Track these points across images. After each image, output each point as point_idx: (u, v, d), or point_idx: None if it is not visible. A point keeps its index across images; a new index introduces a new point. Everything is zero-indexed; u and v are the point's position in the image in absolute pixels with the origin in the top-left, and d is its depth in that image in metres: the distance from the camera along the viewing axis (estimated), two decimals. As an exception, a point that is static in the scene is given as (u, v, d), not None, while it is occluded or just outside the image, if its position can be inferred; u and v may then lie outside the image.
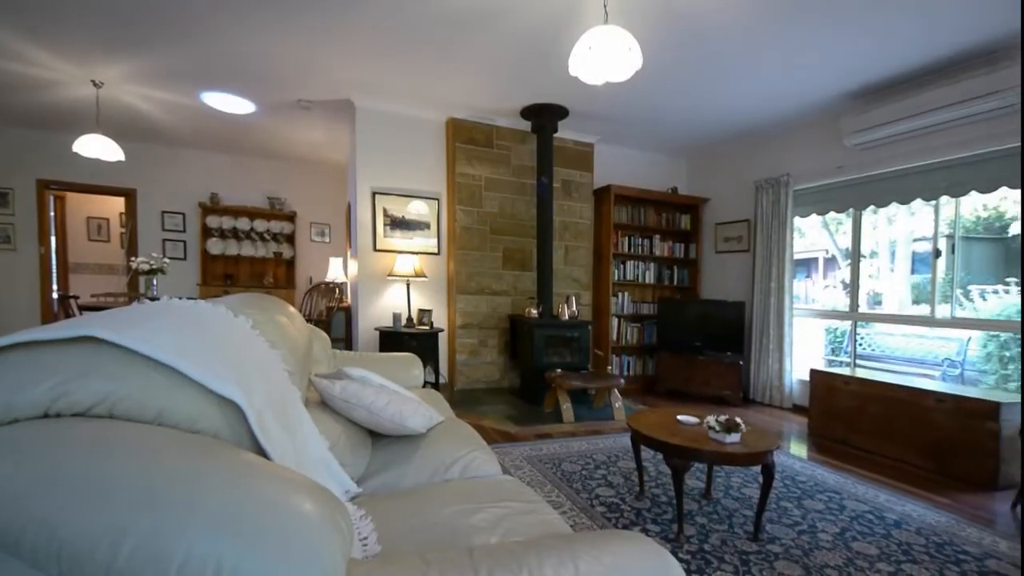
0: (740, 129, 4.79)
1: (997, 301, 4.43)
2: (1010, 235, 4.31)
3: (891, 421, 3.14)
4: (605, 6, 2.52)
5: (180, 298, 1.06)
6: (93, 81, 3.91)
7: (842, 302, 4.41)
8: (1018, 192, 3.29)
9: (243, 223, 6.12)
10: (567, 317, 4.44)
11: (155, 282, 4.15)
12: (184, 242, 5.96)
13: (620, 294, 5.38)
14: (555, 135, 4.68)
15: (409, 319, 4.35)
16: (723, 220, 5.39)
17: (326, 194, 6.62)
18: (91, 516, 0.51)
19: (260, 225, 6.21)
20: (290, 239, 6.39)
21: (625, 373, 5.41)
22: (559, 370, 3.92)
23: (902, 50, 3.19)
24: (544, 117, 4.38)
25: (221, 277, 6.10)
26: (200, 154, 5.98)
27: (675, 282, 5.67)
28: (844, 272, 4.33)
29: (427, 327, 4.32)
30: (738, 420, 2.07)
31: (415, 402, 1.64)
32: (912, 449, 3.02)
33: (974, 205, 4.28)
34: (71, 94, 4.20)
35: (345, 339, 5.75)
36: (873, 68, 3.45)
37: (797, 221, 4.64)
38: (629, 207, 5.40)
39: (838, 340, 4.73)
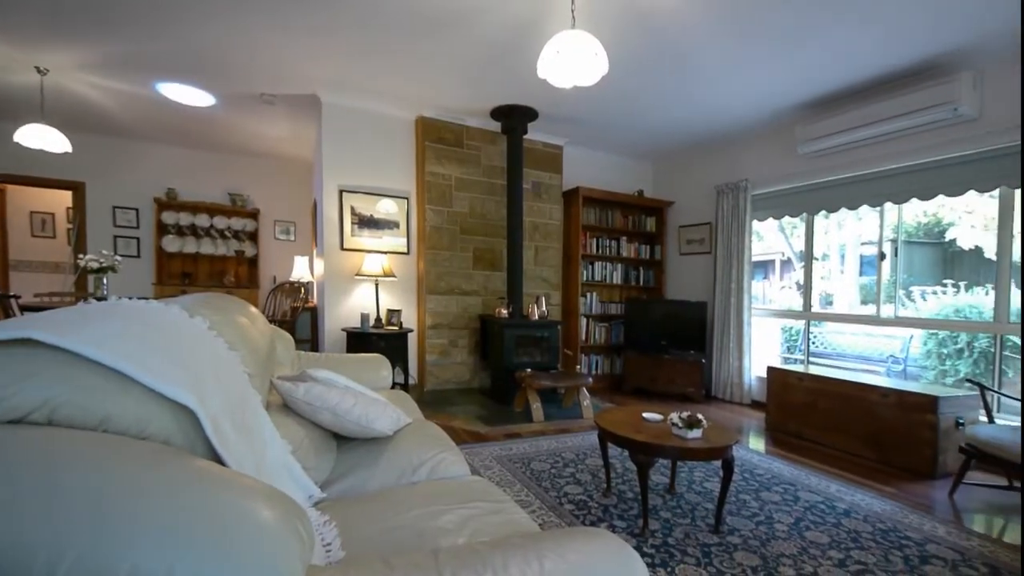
0: (702, 135, 4.94)
1: (936, 301, 4.76)
2: (947, 240, 4.65)
3: (841, 415, 3.32)
4: (573, 12, 2.55)
5: (131, 298, 1.02)
6: (37, 68, 3.68)
7: (797, 302, 4.63)
8: (954, 200, 3.52)
9: (202, 220, 5.88)
10: (537, 317, 4.47)
11: (105, 281, 3.93)
12: (138, 239, 5.67)
13: (589, 294, 5.46)
14: (525, 137, 4.70)
15: (378, 319, 4.28)
16: (686, 223, 5.55)
17: (291, 191, 6.44)
18: (26, 529, 0.49)
19: (220, 222, 5.98)
20: (253, 237, 6.18)
21: (594, 372, 5.49)
22: (529, 370, 3.94)
23: (852, 64, 3.37)
24: (514, 118, 4.39)
25: (178, 276, 5.83)
26: (156, 147, 5.71)
27: (641, 283, 5.80)
28: (799, 274, 4.56)
29: (396, 327, 4.26)
30: (700, 417, 2.13)
31: (382, 404, 1.62)
32: (860, 441, 3.20)
33: (915, 212, 4.56)
34: (11, 80, 3.93)
35: (311, 340, 5.60)
36: (825, 80, 3.62)
37: (755, 225, 4.82)
38: (597, 209, 5.48)
39: (793, 339, 4.96)
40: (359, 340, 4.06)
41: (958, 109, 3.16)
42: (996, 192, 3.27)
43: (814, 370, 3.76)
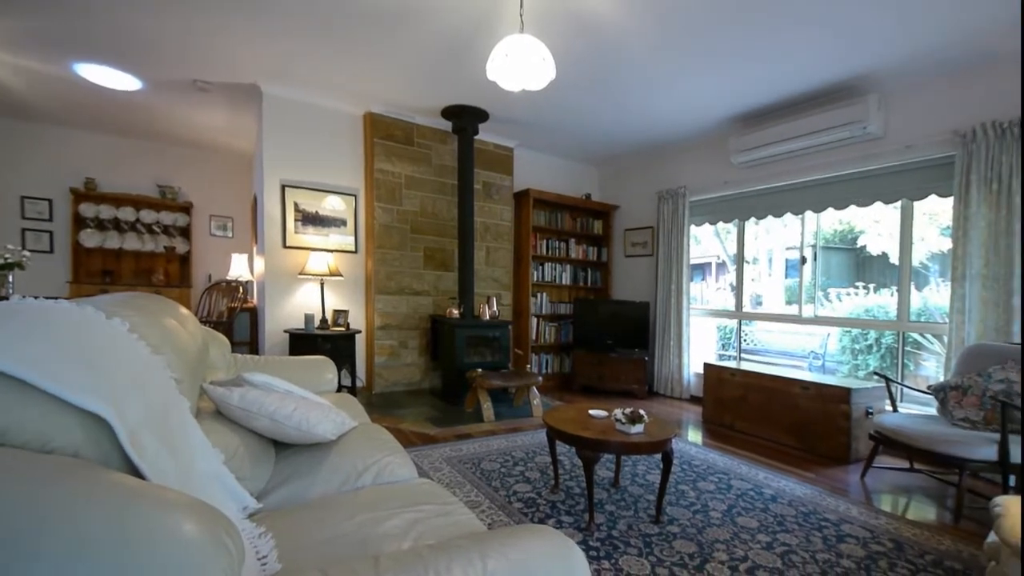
0: (645, 143, 5.15)
1: (850, 302, 5.26)
2: (859, 246, 5.16)
3: (769, 407, 3.57)
4: (521, 16, 2.59)
5: (36, 297, 0.93)
6: (-78, 38, 3.25)
7: (730, 303, 4.94)
8: (864, 210, 3.88)
9: (127, 213, 5.42)
10: (488, 317, 4.48)
11: (11, 279, 3.53)
12: (50, 232, 5.15)
13: (539, 294, 5.54)
14: (476, 137, 4.70)
15: (323, 320, 4.13)
16: (631, 226, 5.76)
17: (229, 184, 6.07)
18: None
19: (148, 216, 5.54)
20: (185, 232, 5.77)
21: (544, 371, 5.58)
22: (480, 370, 3.95)
23: (778, 82, 3.62)
24: (465, 119, 4.38)
25: (98, 274, 5.35)
26: (73, 133, 5.20)
27: (589, 283, 5.95)
28: (732, 276, 4.86)
29: (343, 328, 4.13)
30: (642, 412, 2.22)
31: (325, 408, 1.57)
32: (785, 431, 3.45)
33: (832, 220, 4.99)
34: None
35: (250, 342, 5.32)
36: (755, 96, 3.88)
37: (693, 229, 5.09)
38: (547, 211, 5.58)
39: (727, 337, 5.29)
40: (303, 342, 3.91)
41: (866, 127, 3.49)
42: (899, 204, 3.63)
43: (745, 366, 4.03)
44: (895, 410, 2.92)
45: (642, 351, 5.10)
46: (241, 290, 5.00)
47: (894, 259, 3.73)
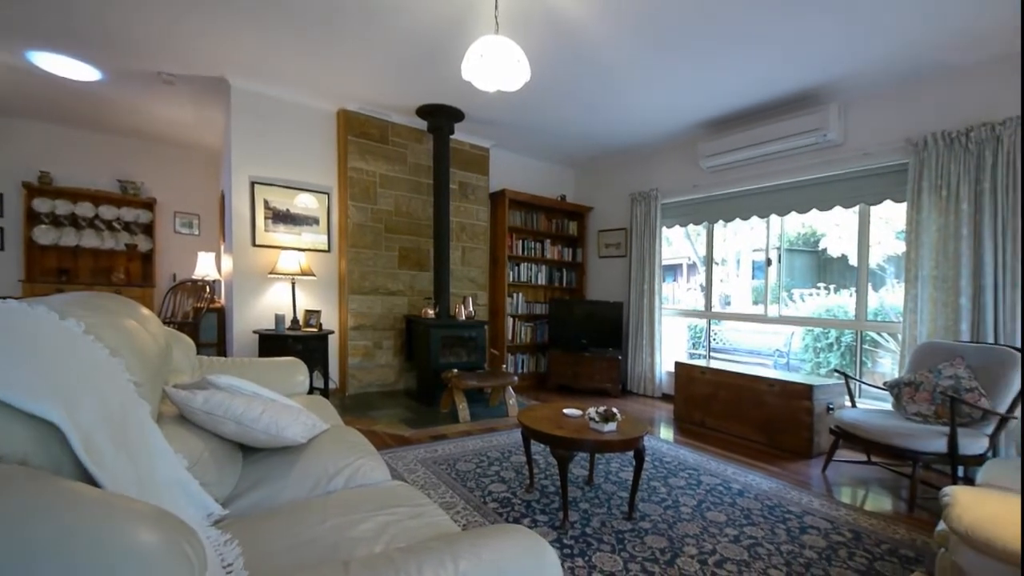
0: (618, 146, 5.23)
1: (812, 302, 5.49)
2: (820, 249, 5.40)
3: (736, 404, 3.68)
4: (496, 17, 2.59)
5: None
6: None
7: (700, 303, 5.07)
8: (826, 214, 4.04)
9: (85, 208, 5.17)
10: (464, 317, 4.47)
11: (-47, 278, 3.34)
12: (1, 229, 4.88)
13: (515, 295, 5.56)
14: (452, 137, 4.69)
15: (294, 321, 4.04)
16: (605, 228, 5.84)
17: (195, 180, 5.87)
18: None
19: (108, 212, 5.30)
20: (148, 229, 5.54)
21: (520, 371, 5.60)
22: (456, 370, 3.93)
23: (744, 89, 3.74)
24: (440, 118, 4.36)
25: (53, 272, 5.09)
26: (26, 124, 4.93)
27: (564, 284, 6.01)
28: (702, 277, 4.98)
29: (315, 329, 4.05)
30: (615, 410, 2.26)
31: (295, 410, 1.54)
32: (752, 427, 3.56)
33: (795, 224, 5.19)
34: None
35: (217, 344, 5.16)
36: (723, 102, 3.99)
37: (665, 231, 5.19)
38: (523, 212, 5.60)
39: (698, 336, 5.43)
40: (273, 343, 3.81)
41: (827, 135, 3.64)
42: (857, 208, 3.80)
43: (715, 365, 4.14)
44: (854, 406, 3.05)
45: (616, 350, 5.18)
46: (208, 290, 4.85)
47: (853, 261, 3.91)
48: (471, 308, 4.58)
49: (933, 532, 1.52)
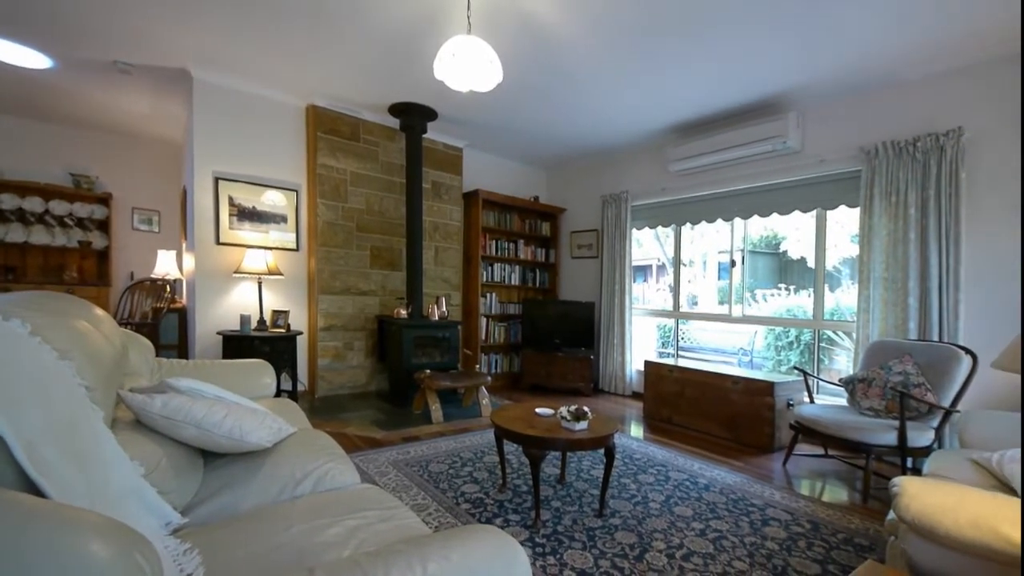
0: (590, 148, 5.30)
1: (774, 302, 5.71)
2: (781, 251, 5.64)
3: (702, 401, 3.78)
4: (468, 17, 2.59)
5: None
6: None
7: (669, 303, 5.20)
8: (786, 218, 4.20)
9: (34, 203, 4.88)
10: (437, 317, 4.44)
11: None
12: (-66, 224, 4.55)
13: (488, 295, 5.56)
14: (425, 136, 4.65)
15: (261, 322, 3.92)
16: (577, 229, 5.91)
17: (154, 175, 5.62)
18: None
19: (59, 207, 5.02)
20: (103, 226, 5.28)
21: (493, 371, 5.60)
22: (428, 371, 3.90)
23: (709, 96, 3.85)
24: (413, 116, 4.32)
25: (-3, 271, 4.79)
26: (-38, 112, 4.62)
27: (537, 284, 6.05)
28: (671, 278, 5.11)
29: (283, 330, 3.95)
30: (586, 409, 2.29)
31: (260, 414, 1.50)
32: (717, 423, 3.67)
33: (758, 227, 5.39)
34: None
35: (178, 346, 4.96)
36: (689, 108, 4.10)
37: (635, 233, 5.30)
38: (496, 212, 5.61)
39: (666, 335, 5.57)
40: (238, 345, 3.69)
41: (786, 142, 3.80)
42: (814, 212, 3.97)
43: (682, 363, 4.25)
44: (812, 402, 3.19)
45: (588, 350, 5.25)
46: (168, 289, 4.65)
47: (811, 263, 4.08)
48: (444, 308, 4.56)
49: (884, 521, 1.60)
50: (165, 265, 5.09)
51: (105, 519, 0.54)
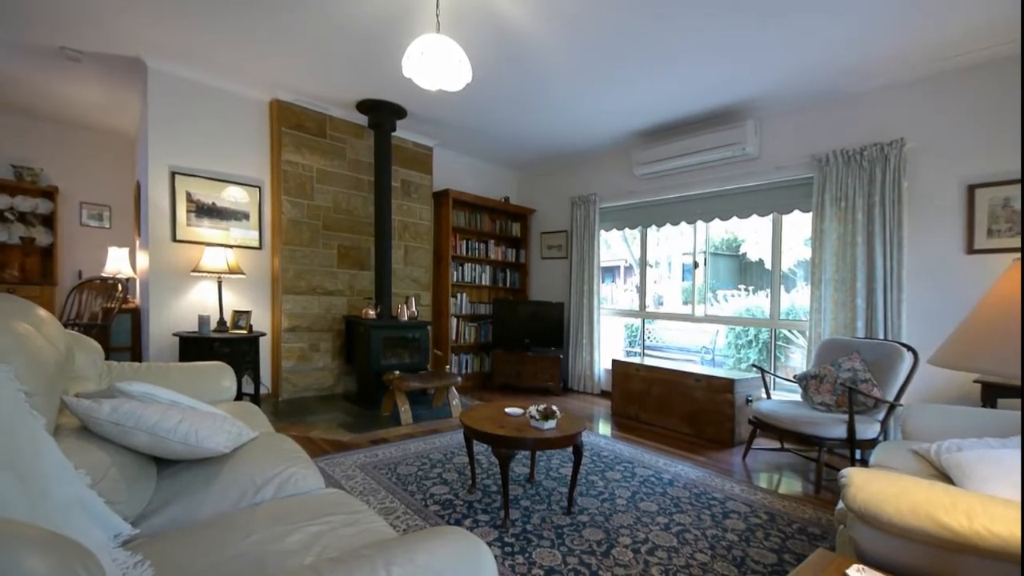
0: (560, 151, 5.36)
1: (735, 302, 5.93)
2: (741, 253, 5.87)
3: (667, 398, 3.89)
4: (437, 16, 2.57)
5: None
6: None
7: (636, 303, 5.31)
8: (745, 222, 4.37)
9: (-34, 197, 4.55)
10: (407, 318, 4.39)
11: None
12: None
13: (459, 295, 5.54)
14: (394, 134, 4.59)
15: (221, 322, 3.78)
16: (547, 230, 5.96)
17: (105, 168, 5.33)
18: None
19: (0, 201, 4.69)
20: (48, 221, 4.96)
21: (464, 371, 5.58)
22: (397, 372, 3.85)
23: (672, 103, 3.97)
24: (382, 114, 4.25)
25: (-75, 269, 4.44)
26: None
27: (508, 284, 6.07)
28: (638, 278, 5.23)
29: (244, 331, 3.82)
30: (554, 408, 2.32)
31: (219, 418, 1.45)
32: (681, 419, 3.78)
33: (719, 229, 5.59)
34: None
35: (131, 348, 4.72)
36: (654, 114, 4.21)
37: (603, 234, 5.39)
38: (467, 212, 5.59)
39: (633, 335, 5.69)
40: (196, 346, 3.55)
41: (745, 149, 3.96)
42: (771, 217, 4.14)
43: (649, 362, 4.35)
44: (769, 398, 3.32)
45: (558, 350, 5.30)
46: (120, 288, 4.41)
47: (768, 265, 4.26)
48: (414, 308, 4.51)
49: (835, 511, 1.69)
50: (116, 263, 4.84)
51: (44, 532, 0.51)
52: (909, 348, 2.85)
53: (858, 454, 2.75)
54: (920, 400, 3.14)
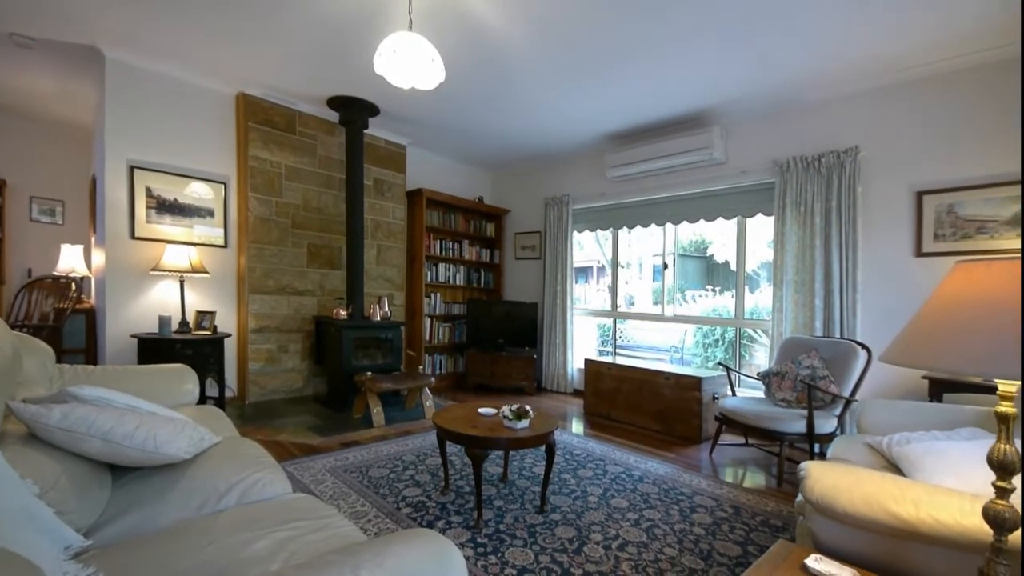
0: (533, 152, 5.39)
1: (703, 303, 6.11)
2: (708, 255, 6.06)
3: (638, 397, 3.96)
4: (410, 14, 2.55)
5: None
6: None
7: (608, 303, 5.40)
8: (712, 224, 4.51)
9: (-102, 189, 4.24)
10: (379, 318, 4.33)
11: None
12: None
13: (433, 295, 5.50)
14: (366, 132, 4.52)
15: (184, 323, 3.64)
16: (521, 230, 5.99)
17: (58, 161, 5.06)
18: None
19: (-67, 194, 4.39)
20: (-9, 217, 4.68)
21: (438, 371, 5.55)
22: (369, 373, 3.79)
23: (643, 108, 4.06)
24: (353, 111, 4.18)
25: None
26: None
27: (482, 284, 6.06)
28: (610, 279, 5.31)
29: (208, 332, 3.69)
30: (527, 408, 2.33)
31: (179, 423, 1.40)
32: (651, 417, 3.86)
33: (688, 232, 5.75)
34: None
35: (86, 350, 4.49)
36: (625, 117, 4.29)
37: (576, 235, 5.46)
38: (441, 212, 5.56)
39: (606, 334, 5.78)
40: (156, 348, 3.41)
41: (712, 154, 4.08)
42: (735, 220, 4.28)
43: (620, 361, 4.42)
44: (734, 395, 3.43)
45: (531, 349, 5.33)
46: (74, 288, 4.19)
47: (734, 266, 4.40)
48: (387, 308, 4.45)
49: (795, 502, 1.76)
50: (70, 261, 4.60)
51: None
52: (863, 346, 2.99)
53: (817, 448, 2.87)
54: (874, 395, 3.31)
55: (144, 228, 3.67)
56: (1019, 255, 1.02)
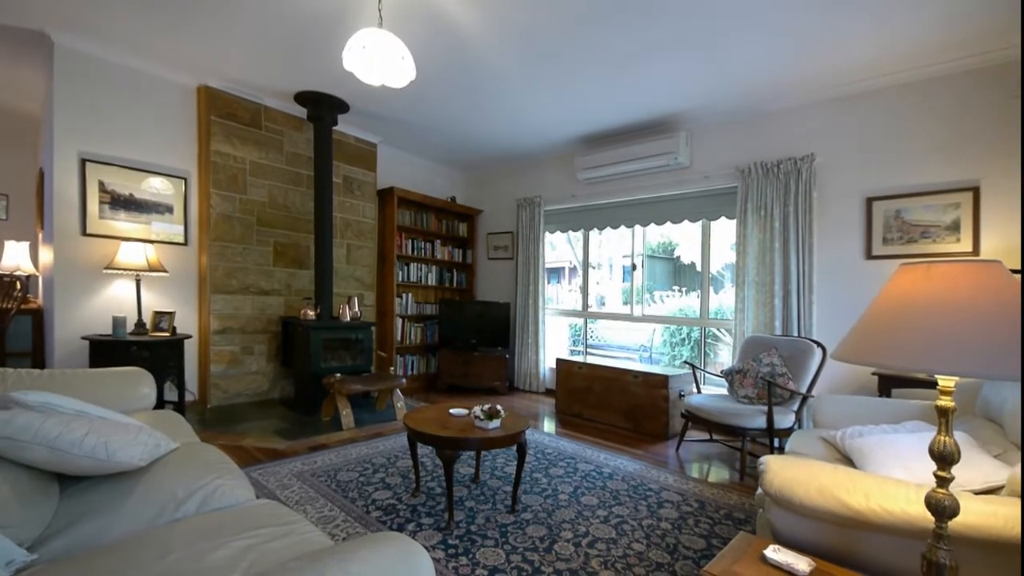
0: (506, 153, 5.41)
1: (670, 303, 6.27)
2: (675, 256, 6.21)
3: (607, 395, 4.03)
4: (380, 10, 2.52)
5: None
6: None
7: (579, 303, 5.47)
8: (678, 227, 4.63)
9: None
10: (349, 318, 4.25)
11: None
12: None
13: (404, 295, 5.44)
14: (336, 128, 4.43)
15: (140, 324, 3.48)
16: (493, 230, 6.00)
17: (2, 153, 4.75)
18: None
19: None
20: (-77, 211, 4.35)
21: (410, 372, 5.48)
22: (338, 375, 3.72)
23: (612, 112, 4.14)
24: (322, 107, 4.09)
25: None
26: None
27: (454, 284, 6.03)
28: (582, 279, 5.38)
29: (167, 333, 3.53)
30: (499, 408, 2.34)
31: (133, 429, 1.34)
32: (620, 415, 3.94)
33: (656, 234, 5.89)
34: None
35: (32, 353, 4.23)
36: (595, 121, 4.36)
37: (548, 236, 5.50)
38: (412, 211, 5.50)
39: (577, 334, 5.85)
40: (109, 351, 3.24)
41: (677, 158, 4.19)
42: (700, 223, 4.41)
43: (591, 360, 4.49)
44: (699, 392, 3.53)
45: (504, 349, 5.34)
46: (19, 287, 3.94)
47: (699, 268, 4.53)
48: (357, 309, 4.37)
49: (755, 496, 1.82)
50: (15, 258, 4.32)
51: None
52: (819, 344, 3.13)
53: (777, 442, 2.98)
54: (829, 391, 3.46)
55: (97, 224, 3.49)
56: (958, 259, 1.09)
